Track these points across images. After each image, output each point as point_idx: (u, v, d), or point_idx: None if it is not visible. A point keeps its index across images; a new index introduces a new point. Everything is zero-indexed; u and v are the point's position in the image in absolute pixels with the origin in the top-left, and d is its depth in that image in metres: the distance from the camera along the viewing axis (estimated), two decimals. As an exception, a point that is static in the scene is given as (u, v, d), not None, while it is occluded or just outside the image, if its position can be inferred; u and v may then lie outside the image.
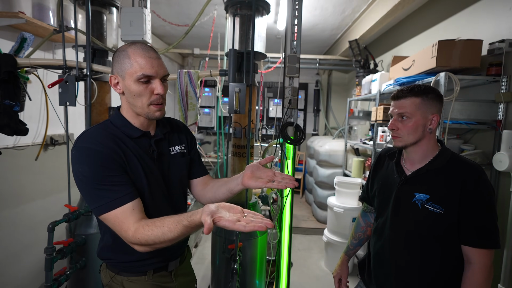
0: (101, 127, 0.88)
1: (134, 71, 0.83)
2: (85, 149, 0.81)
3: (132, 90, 0.84)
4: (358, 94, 3.42)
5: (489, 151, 1.88)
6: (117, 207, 0.79)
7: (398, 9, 2.65)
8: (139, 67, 0.83)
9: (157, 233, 0.75)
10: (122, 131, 0.88)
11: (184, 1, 3.16)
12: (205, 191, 1.06)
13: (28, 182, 2.05)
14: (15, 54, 1.58)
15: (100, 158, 0.80)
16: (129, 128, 0.90)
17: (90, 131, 0.86)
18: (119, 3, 1.72)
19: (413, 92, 0.99)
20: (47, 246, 1.34)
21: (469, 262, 0.94)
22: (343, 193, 2.84)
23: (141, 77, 0.83)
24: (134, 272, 0.94)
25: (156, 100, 0.87)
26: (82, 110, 1.70)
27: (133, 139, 0.89)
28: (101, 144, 0.82)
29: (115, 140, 0.86)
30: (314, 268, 2.91)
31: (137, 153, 0.88)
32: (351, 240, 1.34)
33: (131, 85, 0.84)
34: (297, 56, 1.62)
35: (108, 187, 0.80)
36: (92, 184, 0.80)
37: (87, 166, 0.79)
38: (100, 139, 0.83)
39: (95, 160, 0.80)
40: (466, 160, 0.98)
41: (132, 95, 0.85)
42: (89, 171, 0.79)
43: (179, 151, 1.01)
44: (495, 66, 1.78)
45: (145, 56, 0.84)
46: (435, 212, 0.95)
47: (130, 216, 0.79)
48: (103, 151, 0.81)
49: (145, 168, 0.88)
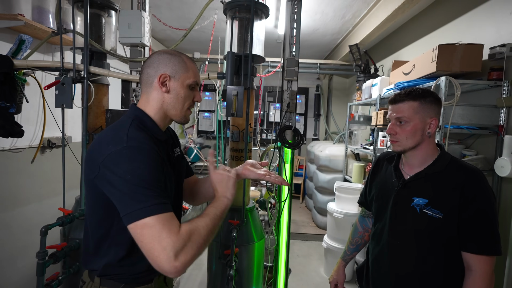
0: (139, 128, 0.82)
1: (189, 76, 0.89)
2: (137, 148, 0.75)
3: (181, 93, 0.89)
4: (359, 98, 3.40)
5: (491, 156, 1.85)
6: (166, 211, 0.71)
7: (398, 14, 2.65)
8: (193, 74, 0.90)
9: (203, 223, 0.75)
10: (152, 133, 0.86)
11: (185, 5, 3.18)
12: (196, 189, 1.09)
13: (24, 184, 2.03)
14: (13, 56, 1.57)
15: (155, 160, 0.76)
16: (157, 130, 0.88)
17: (132, 131, 0.79)
18: (118, 6, 1.72)
19: (410, 95, 0.98)
20: (39, 251, 1.31)
21: (469, 269, 0.91)
22: (343, 198, 2.81)
23: (194, 84, 0.90)
24: (141, 282, 0.87)
25: (192, 106, 0.94)
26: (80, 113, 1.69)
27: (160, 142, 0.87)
28: (151, 144, 0.78)
29: (154, 142, 0.83)
30: (313, 275, 2.87)
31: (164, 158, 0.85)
32: (348, 245, 1.31)
33: (182, 88, 0.88)
34: (295, 60, 1.61)
35: (159, 190, 0.73)
36: (141, 183, 0.71)
37: (142, 163, 0.73)
38: (147, 140, 0.79)
39: (149, 159, 0.75)
40: (465, 165, 0.96)
41: (179, 97, 0.89)
42: (144, 168, 0.73)
43: (179, 154, 1.03)
44: (496, 71, 1.76)
45: (195, 67, 0.93)
46: (434, 217, 0.92)
47: (175, 221, 0.71)
48: (156, 153, 0.78)
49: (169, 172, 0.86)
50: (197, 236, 0.72)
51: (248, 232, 1.66)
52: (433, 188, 0.95)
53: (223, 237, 1.60)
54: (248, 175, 0.98)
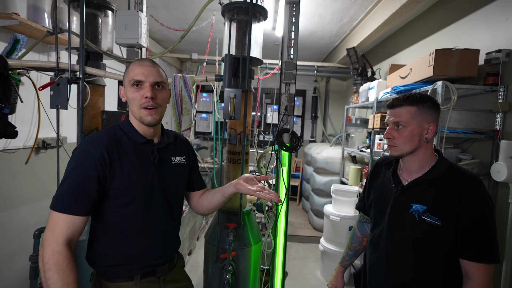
0: (108, 131, 0.96)
1: (129, 78, 0.94)
2: (84, 149, 0.89)
3: (128, 95, 0.95)
4: (356, 101, 3.42)
5: (486, 161, 1.86)
6: (64, 213, 0.84)
7: (395, 18, 2.66)
8: (132, 74, 0.94)
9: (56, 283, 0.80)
10: (128, 137, 0.96)
11: (182, 6, 3.17)
12: (201, 200, 1.15)
13: (18, 186, 2.00)
14: (7, 56, 1.55)
15: (88, 163, 0.87)
16: (134, 134, 0.97)
17: (97, 135, 0.94)
18: (115, 6, 1.71)
19: (408, 100, 0.98)
20: (33, 254, 1.30)
21: (467, 277, 0.91)
22: (339, 201, 2.81)
23: (133, 82, 0.93)
24: (121, 277, 0.95)
25: (145, 103, 0.92)
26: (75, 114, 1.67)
27: (137, 145, 0.96)
28: (99, 149, 0.89)
29: (117, 146, 0.93)
30: (309, 278, 2.86)
31: (136, 159, 0.94)
32: (347, 250, 1.31)
33: (127, 91, 0.95)
34: (293, 62, 1.61)
35: (74, 192, 0.85)
36: (67, 179, 0.86)
37: (76, 163, 0.88)
38: (101, 143, 0.90)
39: (83, 163, 0.87)
40: (464, 171, 0.96)
41: (129, 100, 0.95)
42: (74, 168, 0.87)
43: (179, 162, 1.07)
44: (492, 76, 1.78)
45: (139, 65, 0.94)
46: (432, 224, 0.92)
47: (67, 228, 0.84)
48: (97, 156, 0.87)
49: (141, 175, 0.94)
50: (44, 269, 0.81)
51: (245, 236, 1.65)
52: (431, 195, 0.95)
53: (220, 241, 1.59)
54: (240, 190, 1.00)
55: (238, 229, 1.59)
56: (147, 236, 0.97)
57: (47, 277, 0.80)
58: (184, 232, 2.85)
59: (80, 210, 0.85)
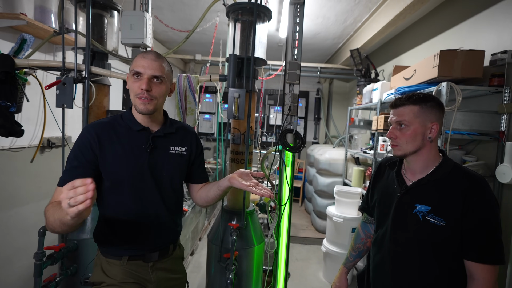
0: (108, 118, 1.06)
1: (131, 68, 1.00)
2: (83, 130, 1.01)
3: (128, 85, 1.01)
4: (359, 103, 3.41)
5: (491, 162, 1.85)
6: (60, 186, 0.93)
7: (399, 19, 2.66)
8: (134, 65, 0.99)
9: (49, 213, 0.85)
10: (126, 123, 1.03)
11: (187, 7, 3.19)
12: (199, 193, 1.18)
13: (23, 184, 2.01)
14: (14, 55, 1.57)
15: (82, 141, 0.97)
16: (131, 122, 1.04)
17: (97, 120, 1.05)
18: (121, 6, 1.72)
19: (411, 100, 0.97)
20: (37, 251, 1.31)
21: (472, 278, 0.90)
22: (343, 202, 2.80)
23: (133, 72, 0.98)
24: (111, 254, 1.04)
25: (140, 94, 0.97)
26: (80, 113, 1.69)
27: (133, 132, 1.02)
28: (91, 129, 0.99)
29: (108, 130, 1.01)
30: (312, 279, 2.85)
31: (128, 143, 1.01)
32: (351, 251, 1.30)
33: (128, 80, 1.01)
34: (297, 63, 1.61)
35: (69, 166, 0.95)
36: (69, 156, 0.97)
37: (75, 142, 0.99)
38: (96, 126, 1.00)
39: (77, 142, 0.98)
40: (469, 171, 0.95)
41: (129, 88, 1.01)
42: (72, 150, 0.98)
43: (178, 152, 1.10)
44: (498, 77, 1.76)
45: (142, 57, 0.99)
46: (436, 225, 0.91)
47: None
48: (88, 136, 0.98)
49: (131, 159, 1.00)
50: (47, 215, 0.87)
51: (248, 236, 1.65)
52: (436, 195, 0.94)
53: (223, 241, 1.59)
54: (233, 184, 1.01)
55: (241, 229, 1.59)
56: (136, 219, 1.02)
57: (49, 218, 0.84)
58: (187, 233, 2.85)
59: None
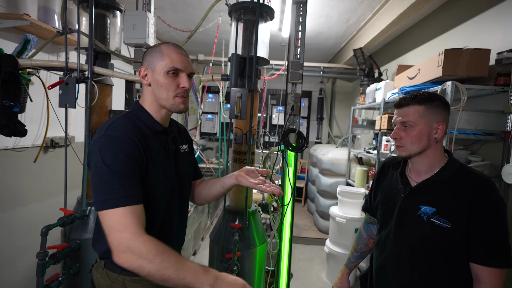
0: (127, 119, 0.87)
1: (165, 64, 0.88)
2: (115, 138, 0.80)
3: (160, 81, 0.88)
4: (362, 102, 3.38)
5: (497, 163, 1.82)
6: (128, 205, 0.75)
7: (403, 18, 2.64)
8: (170, 60, 0.88)
9: (173, 260, 0.72)
10: (146, 125, 0.90)
11: (189, 7, 3.19)
12: (198, 190, 1.12)
13: (26, 184, 2.03)
14: (18, 56, 1.57)
15: (128, 150, 0.79)
16: (152, 122, 0.91)
17: (119, 122, 0.85)
18: (123, 6, 1.72)
19: (416, 99, 0.95)
20: (40, 251, 1.31)
21: (478, 282, 0.89)
22: (346, 203, 2.78)
23: (171, 69, 0.87)
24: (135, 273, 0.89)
25: (181, 93, 0.90)
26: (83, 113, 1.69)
27: (157, 134, 0.91)
28: (130, 137, 0.81)
29: (142, 135, 0.86)
30: (315, 280, 2.83)
31: (158, 149, 0.89)
32: (353, 252, 1.29)
33: (159, 76, 0.88)
34: (300, 62, 1.60)
35: (124, 182, 0.76)
36: (109, 174, 0.76)
37: (112, 154, 0.78)
38: (129, 132, 0.83)
39: (122, 151, 0.78)
40: (475, 172, 0.93)
41: (159, 86, 0.89)
42: (113, 159, 0.77)
43: (186, 150, 1.05)
44: (504, 76, 1.74)
45: (177, 51, 0.90)
46: (441, 227, 0.90)
47: (139, 219, 0.76)
48: (132, 144, 0.80)
49: (164, 166, 0.90)
50: (154, 257, 0.71)
51: (250, 236, 1.64)
52: (441, 197, 0.93)
53: (225, 241, 1.59)
54: (241, 182, 0.97)
55: (243, 229, 1.59)
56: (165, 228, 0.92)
57: (155, 262, 0.70)
58: (189, 233, 2.85)
59: (139, 197, 0.78)
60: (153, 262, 0.70)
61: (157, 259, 0.70)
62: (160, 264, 0.70)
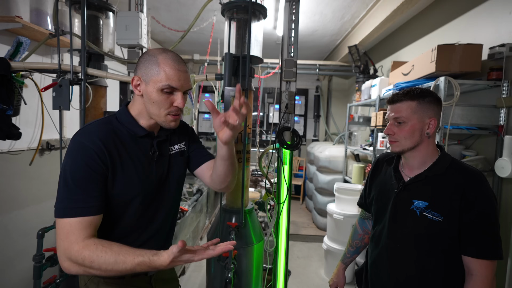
0: (104, 123, 0.86)
1: (160, 79, 0.82)
2: (78, 142, 0.79)
3: (153, 97, 0.83)
4: (358, 99, 3.40)
5: (491, 157, 1.84)
6: (76, 216, 0.75)
7: (397, 15, 2.64)
8: (166, 77, 0.82)
9: (109, 258, 0.71)
10: (126, 128, 0.87)
11: (183, 7, 3.18)
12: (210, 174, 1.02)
13: (22, 187, 2.02)
14: (10, 58, 1.57)
15: (88, 157, 0.77)
16: (134, 126, 0.88)
17: (91, 126, 0.84)
18: (116, 7, 1.72)
19: (408, 95, 0.96)
20: (36, 253, 1.31)
21: (470, 274, 0.90)
22: (343, 199, 2.80)
23: (166, 87, 0.82)
24: None
25: (174, 112, 0.86)
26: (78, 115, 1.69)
27: (136, 138, 0.88)
28: (96, 142, 0.79)
29: (116, 139, 0.84)
30: (313, 277, 2.85)
31: (135, 154, 0.87)
32: (348, 247, 1.30)
33: (153, 92, 0.83)
34: (293, 60, 1.61)
35: (80, 191, 0.76)
36: (68, 180, 0.76)
37: (72, 160, 0.78)
38: (98, 138, 0.80)
39: (82, 157, 0.77)
40: (466, 167, 0.95)
41: (151, 102, 0.84)
42: (72, 165, 0.77)
43: (178, 150, 1.01)
44: (496, 71, 1.75)
45: (175, 67, 0.83)
46: (434, 220, 0.91)
47: (84, 229, 0.75)
48: (94, 150, 0.78)
49: (139, 171, 0.87)
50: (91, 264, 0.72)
51: (247, 234, 1.65)
52: (433, 191, 0.94)
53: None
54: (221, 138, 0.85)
55: (240, 227, 1.59)
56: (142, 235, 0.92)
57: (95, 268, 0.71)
58: (187, 232, 2.86)
59: (93, 208, 0.77)
60: (93, 268, 0.72)
61: (94, 265, 0.71)
62: (101, 267, 0.72)
